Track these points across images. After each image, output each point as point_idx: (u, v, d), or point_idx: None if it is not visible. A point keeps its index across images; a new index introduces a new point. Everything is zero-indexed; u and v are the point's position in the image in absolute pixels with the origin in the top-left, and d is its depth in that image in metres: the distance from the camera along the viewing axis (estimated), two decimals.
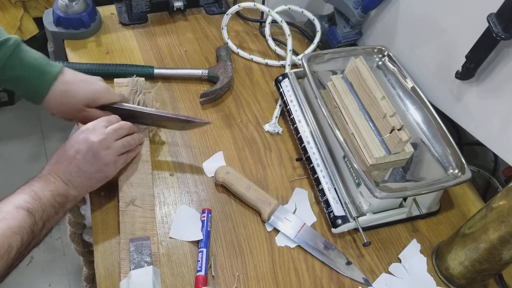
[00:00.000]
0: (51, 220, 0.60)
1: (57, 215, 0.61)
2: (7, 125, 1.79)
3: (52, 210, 0.60)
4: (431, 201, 0.76)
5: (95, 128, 0.66)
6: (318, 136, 0.79)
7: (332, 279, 0.69)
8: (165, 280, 0.65)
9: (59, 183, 0.62)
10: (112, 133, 0.67)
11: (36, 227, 0.57)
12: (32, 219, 0.57)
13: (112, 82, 0.82)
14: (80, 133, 0.66)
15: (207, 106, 0.88)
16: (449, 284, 0.70)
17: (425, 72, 0.84)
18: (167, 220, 0.71)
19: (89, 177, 0.65)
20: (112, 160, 0.66)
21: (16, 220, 0.55)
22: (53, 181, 0.62)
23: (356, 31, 0.97)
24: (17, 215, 0.55)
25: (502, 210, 0.59)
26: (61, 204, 0.61)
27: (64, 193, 0.62)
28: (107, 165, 0.66)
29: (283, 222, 0.72)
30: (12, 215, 0.55)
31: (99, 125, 0.67)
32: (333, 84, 0.79)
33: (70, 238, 0.85)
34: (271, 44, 1.00)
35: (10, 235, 0.54)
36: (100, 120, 0.68)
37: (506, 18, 0.62)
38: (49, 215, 0.59)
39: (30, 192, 0.59)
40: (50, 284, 1.44)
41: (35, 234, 0.57)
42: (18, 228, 0.55)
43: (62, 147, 0.65)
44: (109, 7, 1.04)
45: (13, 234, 0.54)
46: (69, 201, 0.63)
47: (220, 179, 0.75)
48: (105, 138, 0.66)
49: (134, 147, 0.71)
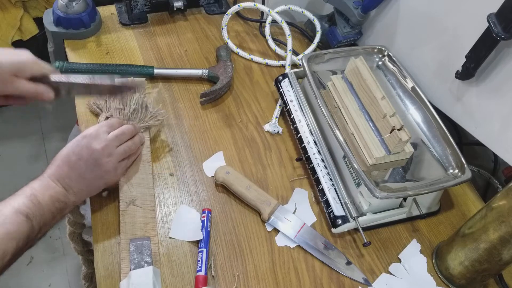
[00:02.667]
0: (48, 225, 0.60)
1: (54, 220, 0.61)
2: (7, 125, 1.79)
3: (50, 216, 0.60)
4: (431, 201, 0.76)
5: (98, 134, 0.67)
6: (318, 136, 0.79)
7: (332, 279, 0.69)
8: (165, 280, 0.65)
9: (59, 188, 0.62)
10: (114, 140, 0.67)
11: (33, 233, 0.57)
12: (29, 225, 0.56)
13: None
14: (82, 138, 0.66)
15: (207, 106, 0.88)
16: (449, 284, 0.70)
17: (425, 72, 0.84)
18: (167, 220, 0.71)
19: (89, 184, 0.65)
20: (113, 167, 0.67)
21: (14, 225, 0.55)
22: (53, 186, 0.62)
23: (356, 31, 0.97)
24: (16, 220, 0.55)
25: (502, 210, 0.59)
26: (59, 209, 0.61)
27: (63, 199, 0.62)
28: (108, 172, 0.66)
29: (283, 222, 0.72)
30: (11, 220, 0.55)
31: (101, 130, 0.67)
32: (333, 84, 0.79)
33: (69, 237, 0.85)
34: (271, 44, 1.00)
35: (7, 241, 0.54)
36: (102, 125, 0.69)
37: (506, 18, 0.62)
38: (46, 221, 0.59)
39: (30, 195, 0.58)
40: (50, 284, 1.44)
41: (30, 239, 0.57)
42: (15, 233, 0.55)
43: (64, 151, 0.65)
44: (109, 7, 1.04)
45: (9, 239, 0.54)
46: (68, 206, 0.63)
47: (220, 179, 0.75)
48: (107, 145, 0.66)
49: (136, 150, 0.72)
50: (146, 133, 0.77)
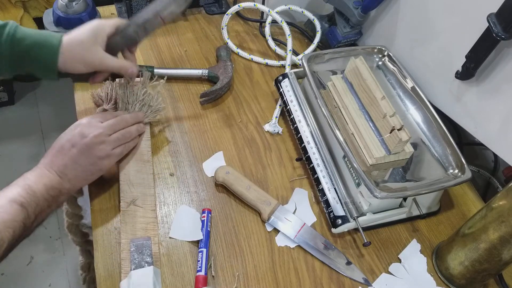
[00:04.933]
0: (44, 213, 0.61)
1: (49, 208, 0.62)
2: (7, 125, 1.79)
3: (45, 204, 0.60)
4: (431, 201, 0.76)
5: (91, 123, 0.68)
6: (318, 136, 0.79)
7: (332, 279, 0.69)
8: (165, 280, 0.65)
9: (53, 176, 0.63)
10: (107, 128, 0.68)
11: (29, 221, 0.58)
12: (24, 213, 0.57)
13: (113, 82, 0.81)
14: (75, 127, 0.67)
15: (207, 106, 0.88)
16: (449, 284, 0.70)
17: (425, 72, 0.84)
18: (167, 220, 0.71)
19: (84, 170, 0.66)
20: (106, 154, 0.67)
21: (9, 214, 0.56)
22: (47, 174, 0.62)
23: (356, 31, 0.97)
24: (10, 209, 0.56)
25: (502, 210, 0.59)
26: (54, 197, 0.62)
27: (58, 186, 0.62)
28: (102, 159, 0.67)
29: (283, 222, 0.72)
30: (5, 208, 0.56)
31: (94, 120, 0.69)
32: (333, 84, 0.79)
33: (67, 229, 0.85)
34: (271, 44, 1.01)
35: (2, 229, 0.54)
36: (95, 115, 0.71)
37: (506, 18, 0.62)
38: (42, 208, 0.60)
39: (24, 185, 0.59)
40: (50, 284, 1.44)
41: (27, 227, 0.58)
42: (10, 222, 0.55)
43: (57, 141, 0.66)
44: (109, 7, 1.04)
45: (5, 228, 0.55)
46: (63, 194, 0.64)
47: (220, 179, 0.75)
48: (100, 132, 0.67)
49: (131, 139, 0.72)
50: (146, 133, 0.77)
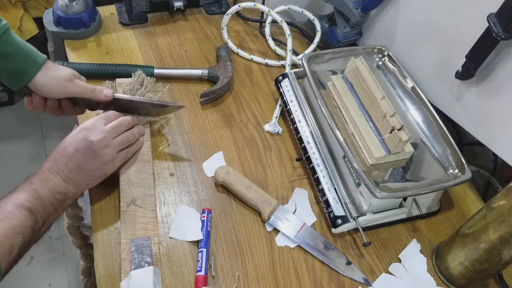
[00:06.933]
0: (51, 218, 0.61)
1: (56, 212, 0.62)
2: (7, 125, 1.79)
3: (51, 208, 0.60)
4: (431, 201, 0.76)
5: (94, 126, 0.67)
6: (318, 136, 0.79)
7: (332, 279, 0.69)
8: (165, 280, 0.65)
9: (58, 180, 0.62)
10: (110, 131, 0.68)
11: (37, 226, 0.58)
12: (33, 218, 0.57)
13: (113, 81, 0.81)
14: (79, 131, 0.66)
15: (207, 106, 0.88)
16: (449, 284, 0.70)
17: (425, 72, 0.84)
18: (167, 220, 0.71)
19: (88, 174, 0.65)
20: (111, 158, 0.67)
21: (18, 220, 0.55)
22: (52, 179, 0.62)
23: (356, 31, 0.97)
24: (19, 215, 0.56)
25: (502, 210, 0.59)
26: (60, 201, 0.62)
27: (63, 190, 0.62)
28: (106, 163, 0.67)
29: (283, 222, 0.72)
30: (14, 214, 0.55)
31: (97, 123, 0.68)
32: (333, 84, 0.79)
33: (68, 231, 0.85)
34: (271, 44, 1.01)
35: (12, 235, 0.54)
36: (99, 117, 0.69)
37: (506, 18, 0.62)
38: (49, 213, 0.60)
39: (30, 190, 0.59)
40: (50, 284, 1.44)
41: (35, 232, 0.58)
42: (20, 227, 0.55)
43: (61, 144, 0.66)
44: (109, 7, 1.04)
45: (15, 234, 0.54)
46: (68, 198, 0.64)
47: (220, 179, 0.75)
48: (104, 136, 0.66)
49: (134, 141, 0.72)
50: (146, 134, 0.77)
